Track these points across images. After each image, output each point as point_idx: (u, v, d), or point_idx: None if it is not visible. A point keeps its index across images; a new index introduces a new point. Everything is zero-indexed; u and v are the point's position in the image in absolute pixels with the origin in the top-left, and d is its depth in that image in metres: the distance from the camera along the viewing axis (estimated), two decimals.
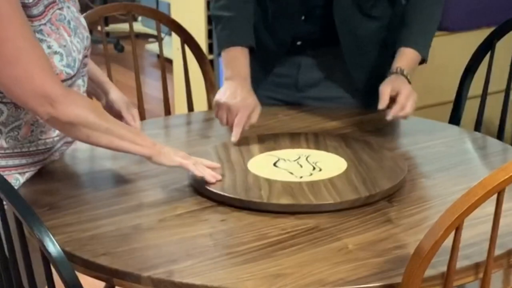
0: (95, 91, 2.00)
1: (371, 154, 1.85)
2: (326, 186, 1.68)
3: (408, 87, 2.04)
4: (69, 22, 1.77)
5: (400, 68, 2.09)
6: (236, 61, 2.11)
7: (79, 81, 1.82)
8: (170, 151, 1.74)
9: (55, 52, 1.70)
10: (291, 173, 1.76)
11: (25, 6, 1.67)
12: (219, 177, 1.72)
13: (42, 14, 1.71)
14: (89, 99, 1.76)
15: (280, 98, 2.31)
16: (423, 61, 2.16)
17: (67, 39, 1.74)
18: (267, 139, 1.96)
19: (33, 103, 1.63)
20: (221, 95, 2.03)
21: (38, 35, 1.69)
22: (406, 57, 2.12)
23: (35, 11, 1.69)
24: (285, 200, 1.63)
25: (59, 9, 1.76)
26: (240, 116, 1.98)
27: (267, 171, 1.77)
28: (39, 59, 1.63)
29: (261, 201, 1.62)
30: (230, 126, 1.99)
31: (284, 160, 1.83)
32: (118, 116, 1.93)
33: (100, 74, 2.00)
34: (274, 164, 1.81)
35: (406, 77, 2.07)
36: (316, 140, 1.94)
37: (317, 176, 1.73)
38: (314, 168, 1.77)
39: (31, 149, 1.78)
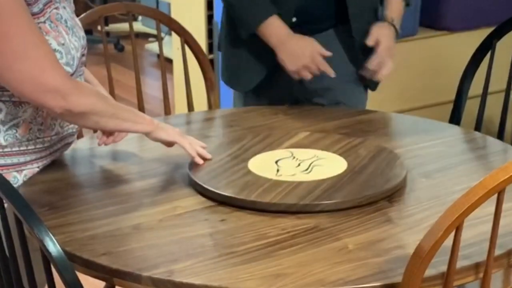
0: None
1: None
2: (286, 188, 1.67)
3: (391, 40, 2.25)
4: (66, 21, 1.77)
5: (391, 17, 2.28)
6: (273, 27, 2.21)
7: (77, 80, 1.82)
8: (168, 127, 1.83)
9: (55, 50, 1.70)
10: (277, 171, 1.76)
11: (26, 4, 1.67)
12: (209, 156, 1.81)
13: (42, 12, 1.71)
14: (93, 87, 1.81)
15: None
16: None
17: (66, 37, 1.75)
18: (313, 137, 1.96)
19: (44, 98, 1.64)
20: (291, 61, 2.20)
21: None
22: (394, 5, 2.30)
23: (35, 9, 1.69)
24: (229, 192, 1.66)
25: (55, 8, 1.76)
26: (320, 56, 2.19)
27: (261, 167, 1.77)
28: (47, 53, 1.64)
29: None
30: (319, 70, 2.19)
31: (293, 158, 1.83)
32: None
33: (88, 74, 2.00)
34: (276, 161, 1.81)
35: (395, 27, 2.27)
36: (353, 147, 1.89)
37: (296, 178, 1.72)
38: (306, 170, 1.77)
39: (29, 147, 1.78)
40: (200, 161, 1.79)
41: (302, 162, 1.80)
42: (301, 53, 2.19)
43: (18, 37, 1.61)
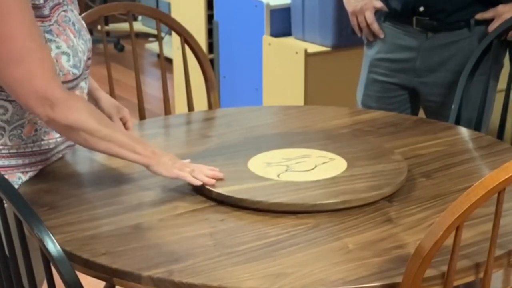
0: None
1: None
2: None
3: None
4: (73, 24, 1.78)
5: None
6: None
7: (82, 83, 1.82)
8: (169, 161, 1.72)
9: (63, 52, 1.71)
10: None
11: (35, 7, 1.68)
12: (220, 175, 1.71)
13: (50, 15, 1.72)
14: (90, 104, 1.76)
15: (396, 82, 2.46)
16: None
17: (73, 40, 1.75)
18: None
19: (32, 104, 1.63)
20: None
21: (48, 35, 1.70)
22: None
23: (45, 11, 1.70)
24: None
25: (64, 11, 1.77)
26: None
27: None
28: (42, 60, 1.63)
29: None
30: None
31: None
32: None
33: (90, 79, 2.00)
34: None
35: None
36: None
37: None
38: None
39: (34, 149, 1.78)
40: (211, 182, 1.69)
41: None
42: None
43: (16, 40, 1.60)
